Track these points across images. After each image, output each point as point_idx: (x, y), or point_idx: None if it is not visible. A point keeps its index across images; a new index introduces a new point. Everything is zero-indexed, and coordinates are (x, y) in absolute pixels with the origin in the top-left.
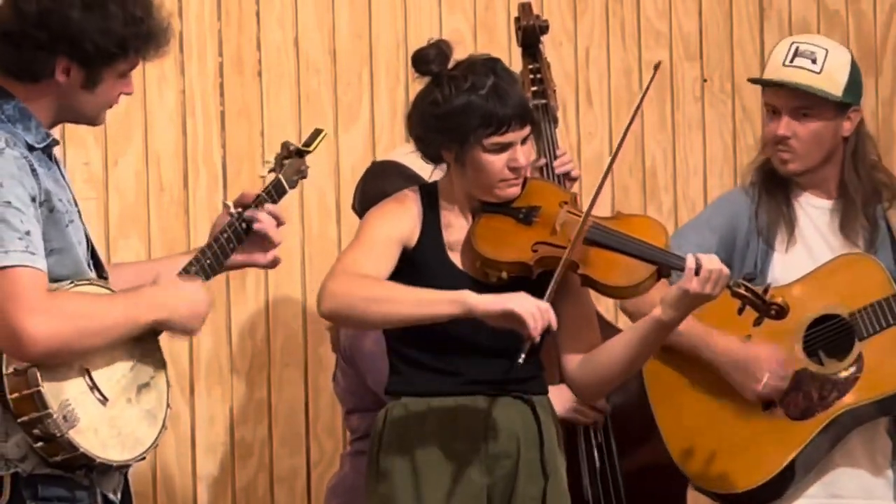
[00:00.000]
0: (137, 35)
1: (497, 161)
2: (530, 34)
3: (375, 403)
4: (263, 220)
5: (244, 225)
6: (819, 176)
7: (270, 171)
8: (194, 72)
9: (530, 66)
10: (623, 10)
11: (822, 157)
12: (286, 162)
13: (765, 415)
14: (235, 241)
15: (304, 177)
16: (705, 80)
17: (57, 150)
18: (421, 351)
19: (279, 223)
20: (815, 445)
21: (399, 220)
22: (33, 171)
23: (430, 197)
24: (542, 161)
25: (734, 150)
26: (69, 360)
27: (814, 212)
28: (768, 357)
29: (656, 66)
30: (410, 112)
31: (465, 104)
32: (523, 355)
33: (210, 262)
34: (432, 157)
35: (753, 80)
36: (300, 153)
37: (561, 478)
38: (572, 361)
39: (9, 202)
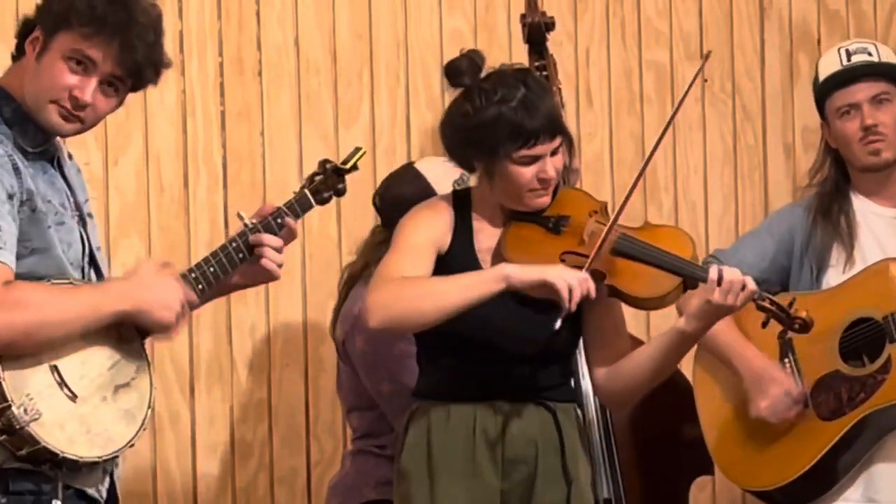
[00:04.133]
0: (94, 14)
1: (526, 173)
2: (536, 31)
3: (374, 402)
4: (267, 245)
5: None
6: (893, 176)
7: (304, 186)
8: (194, 72)
9: (536, 64)
10: (623, 10)
11: None
12: (317, 178)
13: (797, 415)
14: (246, 252)
15: (340, 195)
16: (705, 80)
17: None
18: (448, 356)
19: (282, 247)
20: (847, 446)
21: (433, 225)
22: (16, 169)
23: (463, 204)
24: (577, 163)
25: (734, 150)
26: (28, 350)
27: (875, 220)
28: (782, 387)
29: (705, 58)
30: (442, 123)
31: (494, 117)
32: (559, 322)
33: (214, 269)
34: (464, 167)
35: (831, 77)
36: (338, 171)
37: (584, 485)
38: (600, 370)
39: None
